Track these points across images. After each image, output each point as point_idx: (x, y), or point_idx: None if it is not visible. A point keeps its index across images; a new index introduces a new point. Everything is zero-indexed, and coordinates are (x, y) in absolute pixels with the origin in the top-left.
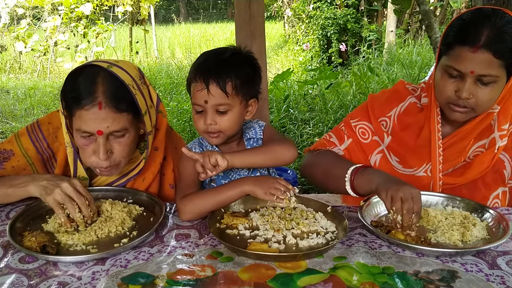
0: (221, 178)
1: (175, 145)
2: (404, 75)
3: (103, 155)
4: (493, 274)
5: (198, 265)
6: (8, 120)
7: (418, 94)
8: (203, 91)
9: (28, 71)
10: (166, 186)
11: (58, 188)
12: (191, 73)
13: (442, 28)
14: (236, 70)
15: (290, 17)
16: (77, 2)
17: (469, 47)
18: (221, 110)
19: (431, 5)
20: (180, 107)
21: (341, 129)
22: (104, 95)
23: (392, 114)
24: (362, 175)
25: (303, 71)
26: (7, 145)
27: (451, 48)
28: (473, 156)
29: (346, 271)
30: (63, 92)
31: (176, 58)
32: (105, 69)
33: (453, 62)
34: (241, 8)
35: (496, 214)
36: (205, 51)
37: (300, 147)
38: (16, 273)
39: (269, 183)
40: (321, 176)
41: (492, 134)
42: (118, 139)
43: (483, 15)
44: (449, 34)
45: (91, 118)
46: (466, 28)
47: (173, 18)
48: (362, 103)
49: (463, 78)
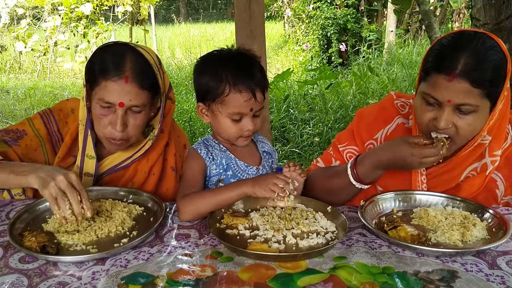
0: (230, 177)
1: (177, 134)
2: (404, 75)
3: (120, 127)
4: (493, 274)
5: (198, 265)
6: (8, 120)
7: (406, 112)
8: (251, 100)
9: (28, 71)
10: (168, 169)
11: (53, 181)
12: (222, 83)
13: (442, 28)
14: (263, 73)
15: (290, 17)
16: (77, 2)
17: (444, 75)
18: (258, 114)
19: (431, 5)
20: (180, 107)
21: (330, 153)
22: (131, 70)
23: (378, 136)
24: (363, 162)
25: (303, 71)
26: (19, 125)
27: (428, 74)
28: (464, 178)
29: (346, 271)
30: (89, 64)
31: (176, 58)
32: (133, 47)
33: (430, 90)
34: (241, 8)
35: (496, 214)
36: (219, 56)
37: (300, 147)
38: (16, 273)
39: (267, 180)
40: (322, 182)
41: (484, 159)
42: (135, 114)
43: (463, 40)
44: (428, 60)
45: (116, 89)
46: (443, 54)
47: (173, 18)
48: (350, 123)
49: (441, 107)
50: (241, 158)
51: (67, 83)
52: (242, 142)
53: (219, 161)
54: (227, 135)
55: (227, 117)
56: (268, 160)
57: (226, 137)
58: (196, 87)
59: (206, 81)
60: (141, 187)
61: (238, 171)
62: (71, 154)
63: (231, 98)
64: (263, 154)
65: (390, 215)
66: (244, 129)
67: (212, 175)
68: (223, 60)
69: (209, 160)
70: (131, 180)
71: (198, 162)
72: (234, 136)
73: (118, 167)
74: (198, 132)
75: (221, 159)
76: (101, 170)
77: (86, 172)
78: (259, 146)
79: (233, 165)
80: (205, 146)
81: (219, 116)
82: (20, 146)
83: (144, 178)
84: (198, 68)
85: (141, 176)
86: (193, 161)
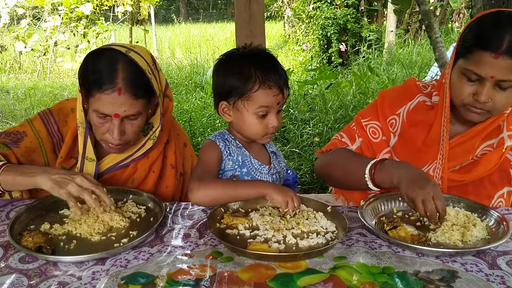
0: (245, 174)
1: (177, 132)
2: (404, 75)
3: (117, 135)
4: (493, 274)
5: (198, 265)
6: (8, 120)
7: (428, 92)
8: (279, 95)
9: (28, 71)
10: (168, 167)
11: (72, 181)
12: (251, 80)
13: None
14: (284, 70)
15: (290, 17)
16: (77, 2)
17: (490, 53)
18: (281, 109)
19: (431, 5)
20: (180, 107)
21: (353, 129)
22: (123, 81)
23: (401, 111)
24: (381, 171)
25: (303, 71)
26: (19, 127)
27: (470, 52)
28: (481, 155)
29: (346, 271)
30: (83, 73)
31: (176, 58)
32: (124, 54)
33: (472, 66)
34: (241, 8)
35: (497, 214)
36: (242, 54)
37: (300, 147)
38: (16, 273)
39: (289, 193)
40: (340, 175)
41: (501, 134)
42: (131, 121)
43: (505, 18)
44: (468, 37)
45: (110, 102)
46: (487, 32)
47: (173, 18)
48: (372, 101)
49: (482, 82)
50: (255, 156)
51: (67, 83)
52: (267, 139)
53: (235, 157)
54: (252, 132)
55: (253, 114)
56: (276, 160)
57: (251, 135)
58: (219, 87)
59: (231, 79)
60: (141, 184)
61: (252, 169)
62: (72, 155)
63: (260, 93)
64: (271, 154)
65: (390, 215)
66: (269, 125)
67: (227, 169)
68: (248, 58)
69: (226, 154)
70: (131, 177)
71: (215, 152)
72: (260, 133)
73: (118, 166)
74: (198, 132)
75: (237, 156)
76: (101, 168)
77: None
78: (267, 146)
79: (248, 163)
80: (223, 140)
81: (245, 113)
82: (19, 148)
83: (144, 176)
84: (221, 67)
85: (141, 174)
86: (211, 150)
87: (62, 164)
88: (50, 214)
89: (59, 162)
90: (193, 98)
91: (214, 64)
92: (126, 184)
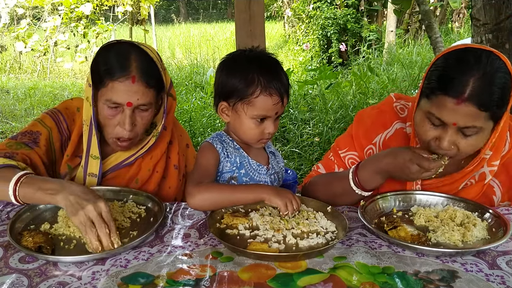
0: (243, 175)
1: (180, 133)
2: (404, 75)
3: (129, 126)
4: (493, 274)
5: (198, 265)
6: (8, 120)
7: (405, 116)
8: (278, 104)
9: (28, 71)
10: (171, 167)
11: (82, 210)
12: (253, 84)
13: (442, 28)
14: (287, 78)
15: (290, 17)
16: (77, 2)
17: (452, 98)
18: (278, 117)
19: (431, 5)
20: (180, 107)
21: (330, 159)
22: (137, 70)
23: (377, 140)
24: (364, 167)
25: (303, 71)
26: (31, 127)
27: (433, 93)
28: (462, 187)
29: (346, 271)
30: (94, 65)
31: (176, 58)
32: (136, 45)
33: (435, 110)
34: (241, 8)
35: (496, 214)
36: (248, 57)
37: (300, 147)
38: (16, 273)
39: (288, 195)
40: (324, 189)
41: (482, 168)
42: (142, 113)
43: (470, 60)
44: (432, 78)
45: (123, 90)
46: (450, 75)
47: (173, 18)
48: (349, 126)
49: (445, 128)
50: (253, 157)
51: (67, 83)
52: (261, 144)
53: (233, 159)
54: (247, 135)
55: (251, 118)
56: (274, 160)
57: (246, 139)
58: (220, 86)
59: (234, 80)
60: (145, 184)
61: (250, 170)
62: (77, 154)
63: (260, 100)
64: (269, 154)
65: (390, 215)
66: (265, 131)
67: (225, 171)
68: (254, 62)
69: (223, 156)
70: (135, 177)
71: (213, 155)
72: (255, 138)
73: (122, 165)
74: (198, 132)
75: (235, 157)
76: (105, 167)
77: (91, 172)
78: (266, 146)
79: (246, 164)
80: (220, 141)
81: (243, 116)
82: (40, 148)
83: (148, 176)
84: (225, 67)
85: (145, 174)
86: (209, 153)
87: (68, 163)
88: (50, 214)
89: (65, 160)
90: (193, 98)
91: (219, 63)
92: (130, 184)
